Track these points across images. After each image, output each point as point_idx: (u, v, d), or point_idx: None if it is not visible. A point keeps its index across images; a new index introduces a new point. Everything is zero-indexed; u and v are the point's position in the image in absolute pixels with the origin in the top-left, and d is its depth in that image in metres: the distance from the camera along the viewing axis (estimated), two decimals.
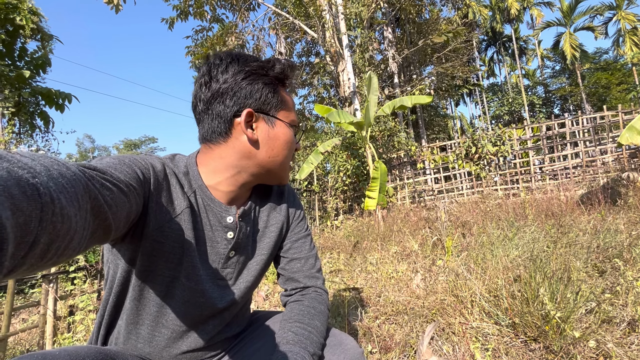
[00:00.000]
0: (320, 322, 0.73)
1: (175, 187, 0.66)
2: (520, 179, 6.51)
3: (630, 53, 20.26)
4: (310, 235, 0.89)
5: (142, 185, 0.57)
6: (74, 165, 0.39)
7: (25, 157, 0.31)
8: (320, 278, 0.84)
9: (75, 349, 0.56)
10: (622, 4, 21.50)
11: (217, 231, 0.70)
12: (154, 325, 0.69)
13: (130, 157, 0.58)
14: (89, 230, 0.39)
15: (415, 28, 14.44)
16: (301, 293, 0.81)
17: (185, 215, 0.65)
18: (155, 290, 0.67)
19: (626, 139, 3.78)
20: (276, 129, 0.70)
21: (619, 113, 5.88)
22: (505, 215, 4.07)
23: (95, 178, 0.42)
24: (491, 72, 31.47)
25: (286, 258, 0.83)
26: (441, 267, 2.54)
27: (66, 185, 0.34)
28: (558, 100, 29.78)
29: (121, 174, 0.51)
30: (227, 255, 0.72)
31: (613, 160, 5.94)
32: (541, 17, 24.87)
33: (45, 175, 0.31)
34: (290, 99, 0.75)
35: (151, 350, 0.70)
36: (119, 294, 0.69)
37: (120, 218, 0.48)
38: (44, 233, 0.28)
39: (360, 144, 7.08)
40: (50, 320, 2.31)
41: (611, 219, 3.11)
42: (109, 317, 0.71)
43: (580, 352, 1.27)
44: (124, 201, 0.49)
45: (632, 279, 1.72)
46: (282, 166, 0.73)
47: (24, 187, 0.27)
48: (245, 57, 0.69)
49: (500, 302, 1.71)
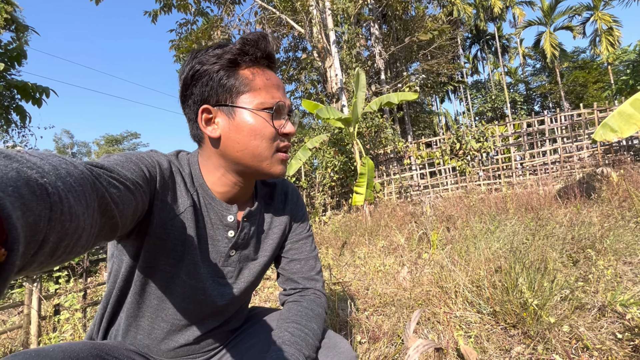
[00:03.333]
0: (317, 325, 0.72)
1: (180, 185, 0.66)
2: (502, 174, 6.72)
3: (606, 53, 21.03)
4: (312, 236, 0.88)
5: (149, 184, 0.57)
6: (81, 164, 0.39)
7: (34, 157, 0.32)
8: (319, 281, 0.83)
9: (69, 345, 0.57)
10: (599, 5, 22.25)
11: (218, 230, 0.70)
12: (154, 318, 0.70)
13: (137, 154, 0.59)
14: (96, 228, 0.39)
15: (402, 25, 14.54)
16: (300, 294, 0.81)
17: (188, 213, 0.66)
18: (156, 285, 0.68)
19: (600, 136, 3.96)
20: (237, 119, 0.63)
21: (594, 111, 6.14)
22: (487, 209, 4.21)
23: (103, 176, 0.43)
24: (475, 69, 32.06)
25: (286, 258, 0.83)
26: (427, 260, 2.62)
27: (74, 184, 0.34)
28: (538, 97, 30.67)
29: (128, 172, 0.51)
30: (228, 253, 0.72)
31: (589, 156, 6.20)
32: (523, 16, 25.48)
33: (53, 174, 0.31)
34: (259, 78, 0.64)
35: (149, 343, 0.71)
36: (123, 288, 0.70)
37: (126, 216, 0.48)
38: (52, 232, 0.29)
39: (348, 140, 7.13)
40: (35, 320, 2.26)
41: (585, 212, 3.27)
42: (111, 310, 0.72)
43: (555, 336, 1.35)
44: (131, 199, 0.49)
45: (603, 268, 1.84)
46: (258, 158, 0.65)
47: (33, 187, 0.27)
48: (206, 49, 0.64)
49: (482, 292, 1.79)
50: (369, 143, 7.83)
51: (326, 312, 0.79)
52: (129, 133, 36.99)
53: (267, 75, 0.66)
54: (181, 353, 0.74)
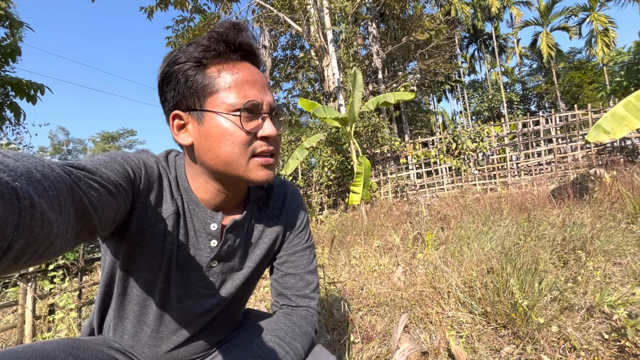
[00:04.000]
0: (302, 345, 0.67)
1: (165, 190, 0.63)
2: (497, 174, 6.77)
3: (602, 53, 21.18)
4: (312, 247, 0.80)
5: (132, 185, 0.55)
6: (60, 166, 0.38)
7: (8, 158, 0.30)
8: (314, 299, 0.76)
9: (43, 344, 0.56)
10: (595, 6, 22.40)
11: (200, 238, 0.66)
12: (137, 322, 0.69)
13: (123, 154, 0.57)
14: (72, 232, 0.38)
15: (399, 24, 14.56)
16: (291, 308, 0.75)
17: (170, 220, 0.63)
18: (136, 290, 0.67)
19: (593, 137, 4.00)
20: (206, 124, 0.57)
21: (588, 112, 6.19)
22: (482, 209, 4.25)
23: (83, 179, 0.41)
24: (472, 69, 32.17)
25: (280, 271, 0.77)
26: (421, 260, 2.64)
27: (48, 188, 0.33)
28: (535, 97, 30.85)
29: (112, 173, 0.50)
30: (209, 264, 0.68)
31: (582, 156, 6.27)
32: (520, 16, 25.59)
33: (26, 178, 0.30)
34: (226, 75, 0.57)
35: (134, 344, 0.71)
36: (108, 287, 0.70)
37: (106, 219, 0.47)
38: (19, 238, 0.28)
39: (345, 140, 7.15)
40: (29, 319, 2.26)
41: (578, 213, 3.31)
42: (100, 306, 0.73)
43: (544, 336, 1.38)
44: (112, 202, 0.48)
45: (592, 269, 1.87)
46: (233, 166, 0.59)
47: (2, 191, 0.26)
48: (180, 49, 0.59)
49: (474, 292, 1.82)
50: (365, 142, 7.85)
51: (316, 330, 0.74)
52: (125, 130, 36.75)
53: (238, 71, 0.58)
54: (167, 357, 0.72)
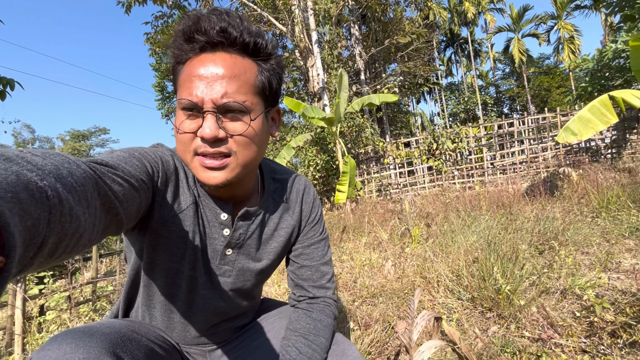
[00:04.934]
0: (326, 338, 0.71)
1: (182, 182, 0.65)
2: (475, 173, 7.11)
3: (568, 60, 22.50)
4: (326, 239, 0.83)
5: (151, 179, 0.57)
6: (85, 163, 0.40)
7: (37, 157, 0.32)
8: (330, 288, 0.80)
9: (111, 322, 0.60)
10: (562, 14, 23.75)
11: (213, 227, 0.69)
12: (164, 310, 0.72)
13: (140, 150, 0.59)
14: (100, 226, 0.40)
15: (381, 26, 14.87)
16: (309, 302, 0.78)
17: (190, 210, 0.65)
18: (161, 281, 0.69)
19: (562, 138, 4.32)
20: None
21: (557, 115, 6.63)
22: (463, 206, 4.48)
23: (107, 174, 0.43)
24: (449, 71, 33.24)
25: (297, 263, 0.80)
26: (409, 253, 2.79)
27: (75, 184, 0.34)
28: (507, 100, 32.27)
29: (132, 168, 0.51)
30: (223, 252, 0.70)
31: (552, 156, 6.70)
32: (494, 22, 26.72)
33: (54, 175, 0.31)
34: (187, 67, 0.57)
35: (165, 329, 0.75)
36: (134, 277, 0.73)
37: (131, 212, 0.49)
38: (52, 234, 0.29)
39: (330, 140, 7.26)
40: (19, 321, 2.21)
41: (550, 208, 3.58)
42: (127, 295, 0.76)
43: (525, 316, 1.54)
44: (135, 196, 0.50)
45: (565, 257, 2.07)
46: (184, 162, 0.60)
47: (32, 191, 0.27)
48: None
49: (461, 280, 1.97)
50: (350, 142, 8.00)
51: (335, 317, 0.78)
52: (97, 128, 35.05)
53: (195, 65, 0.56)
54: (192, 342, 0.77)
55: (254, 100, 0.59)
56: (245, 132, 0.58)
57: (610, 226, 2.81)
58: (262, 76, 0.60)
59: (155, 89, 30.25)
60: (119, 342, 0.54)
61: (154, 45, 11.16)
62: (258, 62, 0.60)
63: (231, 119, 0.57)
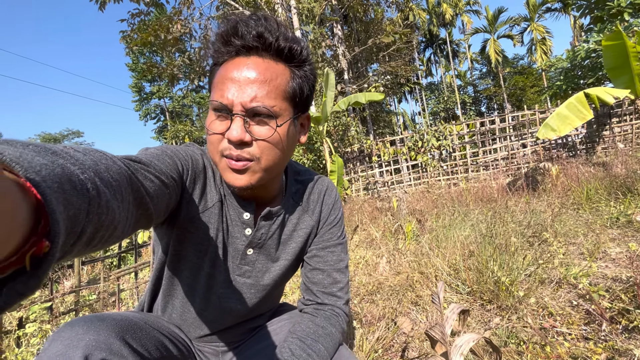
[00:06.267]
0: (325, 346, 0.67)
1: (210, 180, 0.67)
2: (459, 170, 7.27)
3: (540, 60, 23.47)
4: (344, 244, 0.79)
5: (181, 177, 0.60)
6: (120, 159, 0.42)
7: (78, 152, 0.34)
8: (342, 298, 0.75)
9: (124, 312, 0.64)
10: (535, 17, 24.76)
11: (236, 226, 0.70)
12: (184, 301, 0.74)
13: (173, 148, 0.61)
14: (132, 219, 0.42)
15: (362, 27, 15.00)
16: (315, 307, 0.75)
17: (216, 208, 0.67)
18: (185, 273, 0.71)
19: (543, 134, 4.47)
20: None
21: (536, 112, 6.88)
22: (450, 202, 4.56)
23: (140, 171, 0.46)
24: (429, 71, 33.97)
25: (309, 265, 0.77)
26: (404, 250, 2.80)
27: (111, 179, 0.36)
28: (485, 99, 33.34)
29: (163, 165, 0.54)
30: (245, 252, 0.71)
31: (531, 152, 6.94)
32: (470, 23, 27.56)
33: (93, 170, 0.33)
34: (223, 69, 0.59)
35: (181, 323, 0.77)
36: (159, 270, 0.75)
37: (160, 208, 0.51)
38: (90, 224, 0.30)
39: (317, 139, 7.24)
40: None
41: (535, 202, 3.69)
42: (152, 287, 0.78)
43: (525, 307, 1.56)
44: (165, 192, 0.52)
45: (557, 248, 2.13)
46: (213, 161, 0.63)
47: (74, 183, 0.29)
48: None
49: (459, 274, 1.99)
50: (336, 141, 8.01)
51: (343, 332, 0.72)
52: (70, 131, 33.55)
53: (229, 68, 0.58)
54: (206, 340, 0.78)
55: (282, 105, 0.60)
56: (270, 138, 0.59)
57: (592, 218, 2.93)
58: (294, 82, 0.61)
59: (133, 89, 29.31)
60: (129, 330, 0.57)
61: (131, 44, 10.79)
62: (291, 68, 0.61)
63: (258, 123, 0.58)
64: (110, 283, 2.86)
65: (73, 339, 0.49)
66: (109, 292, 2.78)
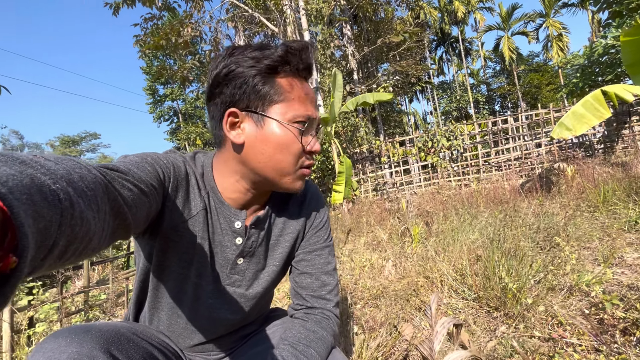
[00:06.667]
0: (317, 351, 0.66)
1: (193, 188, 0.66)
2: (470, 171, 7.12)
3: (557, 57, 22.82)
4: (330, 247, 0.80)
5: (162, 185, 0.58)
6: (95, 168, 0.40)
7: (50, 161, 0.32)
8: (331, 300, 0.75)
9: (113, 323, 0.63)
10: (550, 12, 24.09)
11: (226, 235, 0.69)
12: (171, 314, 0.72)
13: (153, 155, 0.59)
14: (109, 230, 0.40)
15: (372, 26, 14.89)
16: (306, 312, 0.74)
17: (200, 217, 0.65)
18: (169, 284, 0.69)
19: (557, 134, 4.33)
20: (265, 129, 0.61)
21: (550, 111, 6.68)
22: (460, 204, 4.46)
23: (117, 179, 0.44)
24: (441, 70, 33.46)
25: (297, 270, 0.77)
26: (410, 253, 2.75)
27: (86, 189, 0.35)
28: (499, 98, 32.61)
29: (143, 173, 0.52)
30: (235, 261, 0.70)
31: (546, 152, 6.74)
32: (483, 20, 26.98)
33: (65, 179, 0.32)
34: (295, 89, 0.62)
35: (169, 334, 0.74)
36: (143, 281, 0.72)
37: (140, 217, 0.50)
38: (62, 236, 0.29)
39: (325, 140, 7.21)
40: (7, 334, 2.11)
41: (548, 204, 3.57)
42: (136, 299, 0.76)
43: (533, 315, 1.50)
44: (144, 201, 0.50)
45: (569, 253, 2.05)
46: (279, 173, 0.63)
47: (45, 194, 0.27)
48: (243, 48, 0.62)
49: (465, 279, 1.93)
50: (345, 142, 7.97)
51: (334, 335, 0.72)
52: (87, 133, 34.59)
53: (303, 88, 0.64)
54: (197, 350, 0.76)
55: None
56: None
57: (609, 221, 2.81)
58: None
59: (146, 92, 29.92)
60: (115, 341, 0.55)
61: (144, 48, 11.01)
62: None
63: None
64: (119, 284, 2.91)
65: (55, 351, 0.48)
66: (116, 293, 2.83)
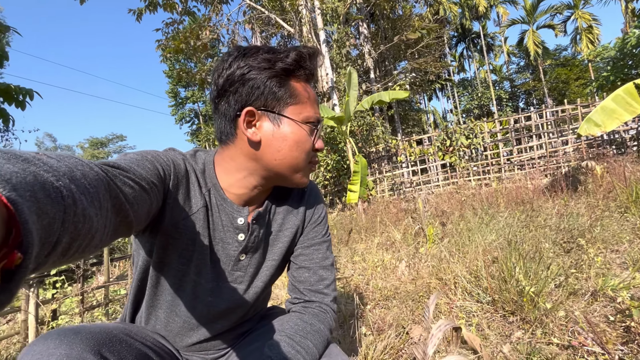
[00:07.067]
0: (314, 343, 0.67)
1: (194, 185, 0.66)
2: (491, 170, 6.88)
3: (586, 50, 21.67)
4: (328, 242, 0.81)
5: (162, 182, 0.58)
6: (97, 165, 0.41)
7: (52, 159, 0.33)
8: (328, 295, 0.76)
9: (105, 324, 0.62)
10: (579, 3, 22.90)
11: (228, 232, 0.69)
12: (169, 312, 0.72)
13: (153, 153, 0.60)
14: (111, 227, 0.41)
15: (390, 24, 14.69)
16: (303, 305, 0.76)
17: (200, 214, 0.66)
18: (169, 281, 0.69)
19: (585, 130, 4.09)
20: (282, 128, 0.64)
21: (578, 106, 6.34)
22: (479, 204, 4.31)
23: (118, 177, 0.44)
24: (461, 67, 32.57)
25: (295, 264, 0.79)
26: (424, 254, 2.68)
27: (88, 186, 0.35)
28: (523, 94, 31.38)
29: (143, 171, 0.52)
30: (238, 257, 0.71)
31: (573, 150, 6.41)
32: (506, 14, 26.01)
33: (68, 177, 0.32)
34: (306, 92, 0.67)
35: (166, 334, 0.74)
36: (141, 280, 0.73)
37: (141, 214, 0.50)
38: (65, 233, 0.29)
39: (340, 139, 7.18)
40: (32, 325, 2.23)
41: (573, 204, 3.39)
42: (134, 298, 0.76)
43: (552, 321, 1.42)
44: (145, 198, 0.51)
45: (593, 256, 1.92)
46: (293, 169, 0.67)
47: (48, 191, 0.28)
48: (255, 50, 0.64)
49: (480, 282, 1.85)
50: (360, 141, 7.89)
51: (330, 329, 0.73)
52: (114, 135, 36.20)
53: (311, 91, 0.69)
54: (194, 349, 0.76)
55: None
56: None
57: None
58: None
59: (169, 95, 30.89)
60: (107, 343, 0.54)
61: (166, 51, 11.36)
62: None
63: None
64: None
65: (43, 353, 0.48)
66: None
